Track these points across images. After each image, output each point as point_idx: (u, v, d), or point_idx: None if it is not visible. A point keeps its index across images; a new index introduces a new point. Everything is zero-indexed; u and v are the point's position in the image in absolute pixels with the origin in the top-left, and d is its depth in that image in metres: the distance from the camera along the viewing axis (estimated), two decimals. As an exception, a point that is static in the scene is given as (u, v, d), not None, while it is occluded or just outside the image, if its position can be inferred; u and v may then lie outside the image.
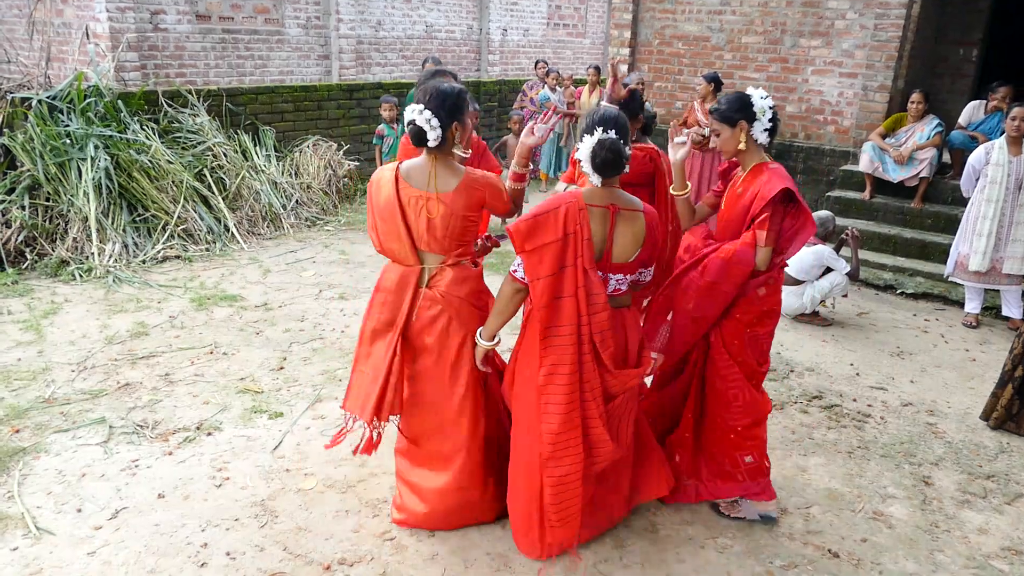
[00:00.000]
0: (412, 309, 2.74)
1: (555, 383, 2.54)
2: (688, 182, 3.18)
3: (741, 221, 2.91)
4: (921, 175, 6.66)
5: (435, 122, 2.58)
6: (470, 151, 3.01)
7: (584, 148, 2.53)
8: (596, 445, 2.62)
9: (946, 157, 6.93)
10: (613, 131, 2.52)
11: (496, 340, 2.73)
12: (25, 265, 5.79)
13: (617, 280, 2.63)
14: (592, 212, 2.53)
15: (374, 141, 7.48)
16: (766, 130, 2.91)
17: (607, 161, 2.50)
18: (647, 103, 3.89)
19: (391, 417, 2.86)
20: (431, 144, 2.61)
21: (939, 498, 3.40)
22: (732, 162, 3.13)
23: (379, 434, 2.93)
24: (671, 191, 3.18)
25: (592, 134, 2.52)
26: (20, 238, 5.85)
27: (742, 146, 2.92)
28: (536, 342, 2.58)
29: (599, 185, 2.57)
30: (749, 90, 2.92)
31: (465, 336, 2.77)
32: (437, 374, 2.81)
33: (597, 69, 9.33)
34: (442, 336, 2.76)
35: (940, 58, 8.60)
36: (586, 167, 2.54)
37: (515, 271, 2.59)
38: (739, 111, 2.90)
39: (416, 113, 2.60)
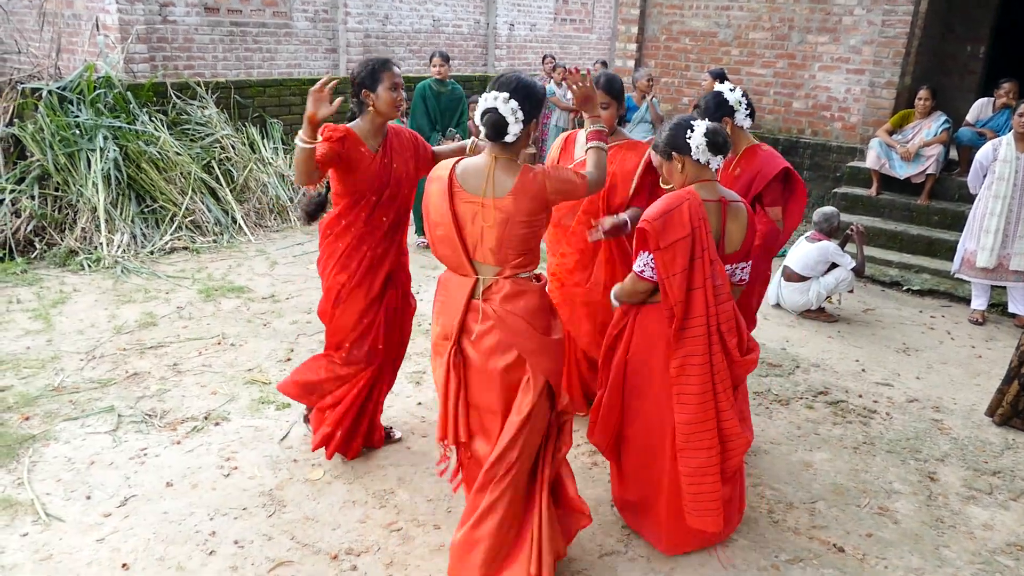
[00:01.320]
0: (464, 323, 2.46)
1: (688, 373, 2.60)
2: None
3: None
4: (928, 172, 6.65)
5: (520, 114, 2.33)
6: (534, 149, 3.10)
7: (697, 137, 2.58)
8: (730, 439, 2.67)
9: (953, 154, 6.92)
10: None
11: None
12: (34, 255, 5.82)
13: (739, 268, 2.77)
14: (708, 207, 2.62)
15: None
16: (747, 115, 3.29)
17: (719, 145, 2.61)
18: (655, 99, 4.00)
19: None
20: (509, 139, 2.35)
21: (944, 494, 3.40)
22: None
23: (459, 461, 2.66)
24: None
25: (694, 128, 2.60)
26: (29, 228, 5.88)
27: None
28: (653, 336, 2.68)
29: (717, 170, 2.65)
30: (717, 87, 3.20)
31: (517, 359, 2.43)
32: (486, 401, 2.49)
33: (604, 64, 9.32)
34: (490, 356, 2.43)
35: (948, 55, 8.56)
36: (703, 155, 2.60)
37: (642, 271, 2.64)
38: (719, 110, 3.24)
39: (500, 101, 2.32)
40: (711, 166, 2.63)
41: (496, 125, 2.33)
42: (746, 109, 3.27)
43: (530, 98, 2.37)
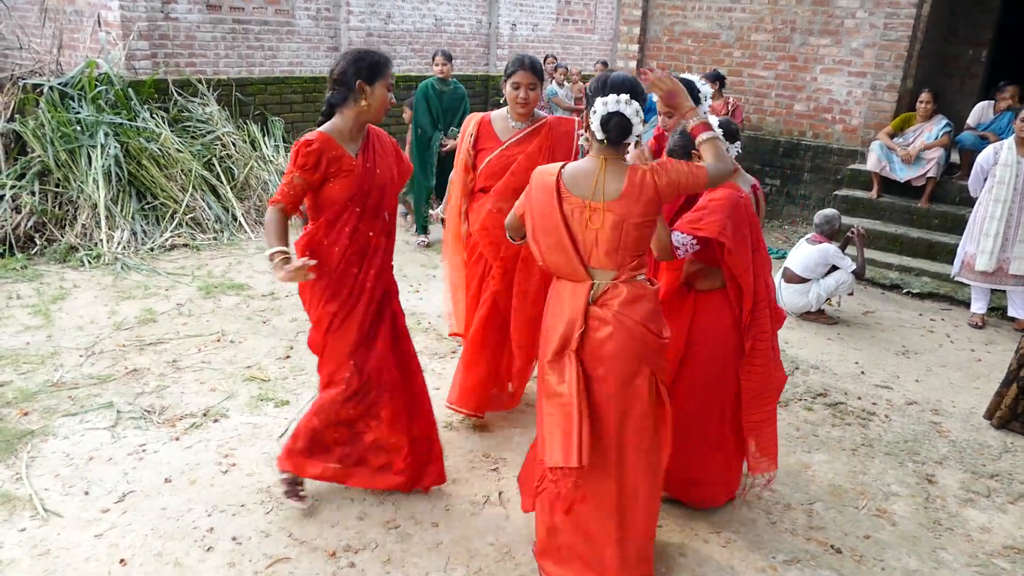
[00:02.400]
0: (582, 331, 2.40)
1: (759, 348, 2.88)
2: None
3: None
4: (928, 175, 6.65)
5: (641, 114, 2.30)
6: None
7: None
8: (779, 388, 3.03)
9: (954, 157, 6.92)
10: None
11: None
12: (34, 251, 5.83)
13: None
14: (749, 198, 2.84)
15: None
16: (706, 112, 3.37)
17: (733, 132, 2.85)
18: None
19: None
20: (631, 140, 2.31)
21: (942, 496, 3.41)
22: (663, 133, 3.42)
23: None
24: None
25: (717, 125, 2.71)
26: (30, 224, 5.88)
27: None
28: (720, 320, 2.90)
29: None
30: (690, 77, 3.14)
31: (639, 367, 2.40)
32: (604, 412, 2.43)
33: (605, 64, 9.32)
34: (611, 364, 2.39)
35: (950, 58, 8.57)
36: (732, 149, 2.79)
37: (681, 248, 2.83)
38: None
39: (623, 104, 2.27)
40: (731, 154, 2.74)
41: (623, 128, 2.29)
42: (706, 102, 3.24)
43: (641, 96, 2.35)
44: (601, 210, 2.31)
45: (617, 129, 2.29)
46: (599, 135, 2.32)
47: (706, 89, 3.11)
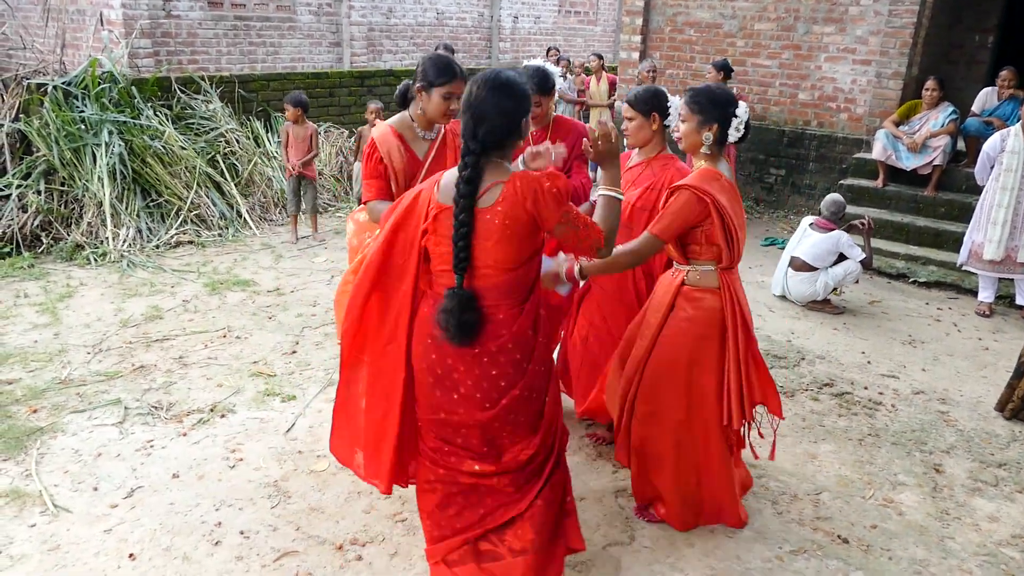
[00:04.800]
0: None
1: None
2: None
3: None
4: (935, 163, 6.60)
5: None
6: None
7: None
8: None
9: (960, 145, 6.87)
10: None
11: None
12: (41, 249, 5.86)
13: None
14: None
15: None
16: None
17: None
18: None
19: None
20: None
21: (950, 486, 3.40)
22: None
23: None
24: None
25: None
26: (36, 222, 5.91)
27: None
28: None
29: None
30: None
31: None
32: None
33: (600, 57, 9.27)
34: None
35: (955, 45, 8.50)
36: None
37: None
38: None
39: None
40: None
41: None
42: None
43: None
44: None
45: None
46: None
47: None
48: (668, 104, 3.08)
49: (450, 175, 2.19)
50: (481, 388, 2.23)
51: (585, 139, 2.38)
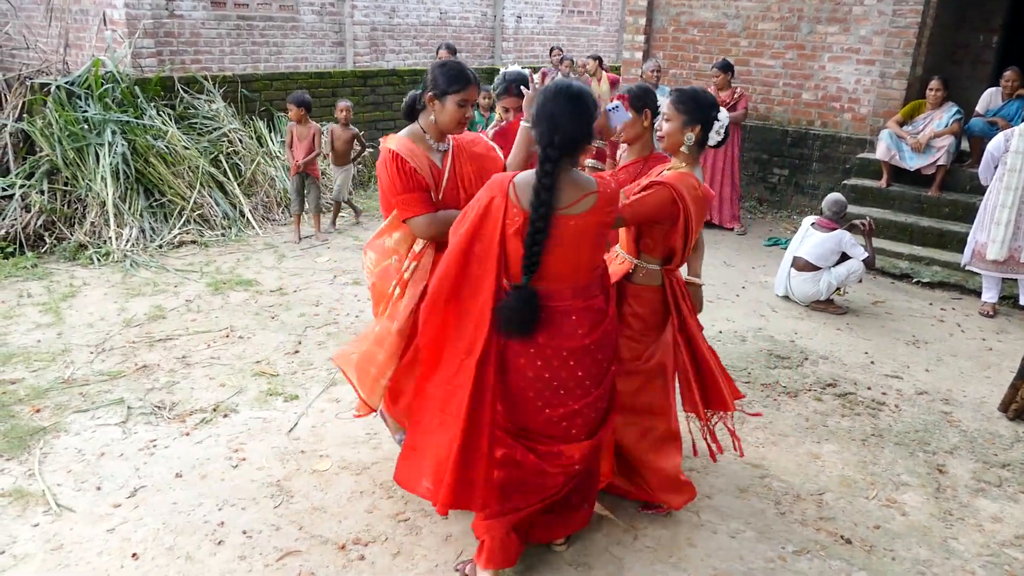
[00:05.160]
0: None
1: None
2: None
3: None
4: (939, 163, 6.59)
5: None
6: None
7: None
8: None
9: (964, 145, 6.85)
10: None
11: None
12: (44, 249, 5.86)
13: None
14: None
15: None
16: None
17: None
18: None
19: None
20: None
21: (953, 486, 3.39)
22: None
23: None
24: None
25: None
26: (39, 222, 5.92)
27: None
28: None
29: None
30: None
31: None
32: None
33: (599, 59, 9.23)
34: None
35: (960, 45, 8.47)
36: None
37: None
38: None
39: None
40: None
41: None
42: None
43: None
44: None
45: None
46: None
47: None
48: (659, 103, 3.10)
49: (524, 181, 2.28)
50: (591, 373, 2.43)
51: None
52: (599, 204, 2.29)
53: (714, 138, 2.75)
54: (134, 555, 2.71)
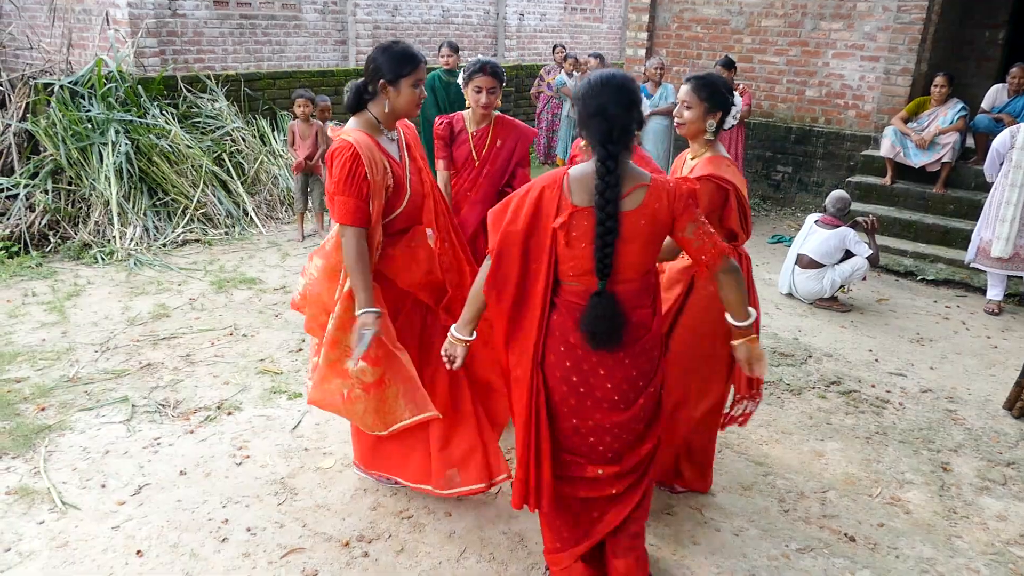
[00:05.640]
0: None
1: None
2: None
3: None
4: (943, 160, 6.56)
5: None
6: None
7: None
8: None
9: (970, 142, 6.82)
10: None
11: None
12: (48, 248, 5.88)
13: None
14: None
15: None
16: None
17: None
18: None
19: None
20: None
21: (957, 484, 3.38)
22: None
23: None
24: None
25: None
26: (43, 222, 5.94)
27: None
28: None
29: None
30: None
31: None
32: None
33: (600, 57, 9.21)
34: None
35: (965, 41, 8.43)
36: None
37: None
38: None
39: None
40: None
41: None
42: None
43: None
44: None
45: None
46: None
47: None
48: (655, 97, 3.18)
49: (578, 174, 2.15)
50: (621, 390, 2.25)
51: None
52: (649, 198, 2.12)
53: (730, 122, 2.76)
54: (138, 552, 2.72)
